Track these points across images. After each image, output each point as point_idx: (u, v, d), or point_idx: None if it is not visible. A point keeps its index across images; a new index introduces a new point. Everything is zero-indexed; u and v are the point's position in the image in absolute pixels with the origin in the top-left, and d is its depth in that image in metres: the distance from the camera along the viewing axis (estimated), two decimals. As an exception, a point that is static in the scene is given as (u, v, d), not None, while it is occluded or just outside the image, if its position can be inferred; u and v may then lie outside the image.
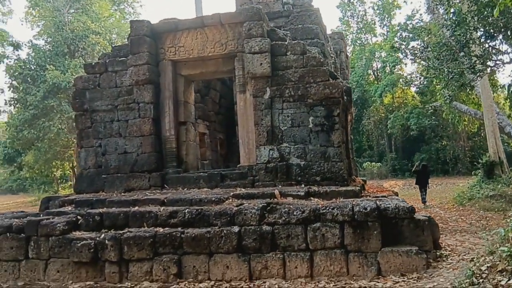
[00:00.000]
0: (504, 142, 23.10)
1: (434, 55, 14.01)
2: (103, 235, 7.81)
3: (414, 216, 7.26)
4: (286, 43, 9.94)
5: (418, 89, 36.55)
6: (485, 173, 17.48)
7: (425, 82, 34.41)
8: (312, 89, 9.53)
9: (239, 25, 10.13)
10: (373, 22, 41.88)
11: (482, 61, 12.80)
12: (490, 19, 11.66)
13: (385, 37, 40.67)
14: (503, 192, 15.02)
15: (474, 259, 6.32)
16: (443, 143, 33.82)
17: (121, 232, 7.82)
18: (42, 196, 31.60)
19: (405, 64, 37.85)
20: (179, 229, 7.65)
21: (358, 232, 7.02)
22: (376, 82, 39.30)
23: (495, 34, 12.37)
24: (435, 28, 19.78)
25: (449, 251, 7.84)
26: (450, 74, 13.60)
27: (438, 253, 7.34)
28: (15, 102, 27.04)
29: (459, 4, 14.85)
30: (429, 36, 19.96)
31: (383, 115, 37.50)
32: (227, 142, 15.53)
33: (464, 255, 7.45)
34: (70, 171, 34.34)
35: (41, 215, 8.98)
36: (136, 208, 8.45)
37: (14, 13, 59.98)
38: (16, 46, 27.14)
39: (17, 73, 26.28)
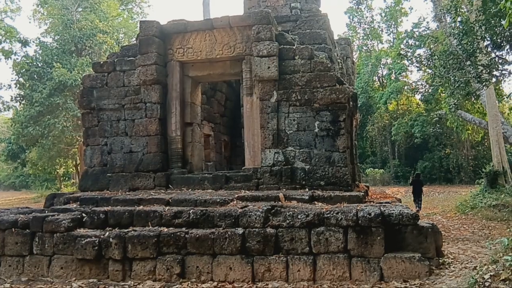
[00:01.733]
0: (508, 152, 23.06)
1: (440, 63, 14.05)
2: (107, 233, 7.85)
3: (418, 223, 7.28)
4: (294, 47, 9.99)
5: (423, 97, 36.55)
6: (489, 183, 17.47)
7: (430, 90, 34.41)
8: (318, 94, 9.58)
9: (248, 28, 10.20)
10: (380, 28, 41.91)
11: (488, 70, 12.83)
12: (498, 29, 11.69)
13: (391, 44, 40.71)
14: (506, 202, 15.02)
15: (477, 268, 6.34)
16: (447, 151, 33.79)
17: (125, 230, 7.86)
18: (44, 193, 31.80)
19: (411, 71, 37.90)
20: (184, 229, 7.69)
21: (361, 237, 7.05)
22: (381, 89, 39.32)
23: (502, 44, 12.39)
24: (442, 36, 19.81)
25: (452, 259, 7.85)
26: (456, 83, 13.63)
27: (440, 261, 7.35)
28: (21, 98, 27.17)
29: (467, 13, 14.91)
30: (436, 44, 20.00)
31: (387, 121, 37.49)
32: (231, 144, 15.59)
33: (467, 263, 7.45)
34: (73, 169, 34.47)
35: (46, 211, 9.03)
36: (141, 207, 8.50)
37: (22, 10, 60.24)
38: (24, 43, 27.26)
39: (24, 70, 26.42)
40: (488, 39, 12.69)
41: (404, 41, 33.64)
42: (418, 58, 17.65)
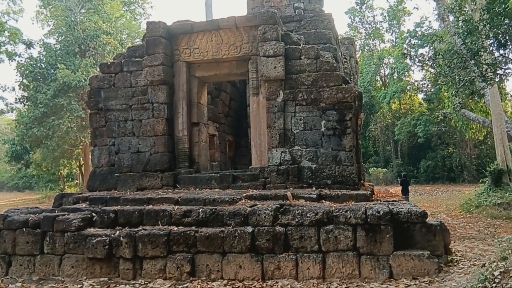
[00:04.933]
0: (512, 151, 23.05)
1: (444, 63, 14.09)
2: (117, 232, 7.92)
3: (426, 221, 7.34)
4: (300, 47, 10.05)
5: (425, 96, 36.55)
6: (493, 181, 17.48)
7: (432, 89, 34.43)
8: (325, 93, 9.63)
9: (254, 29, 10.26)
10: (382, 28, 41.90)
11: (493, 69, 12.87)
12: (502, 28, 11.73)
13: (393, 43, 40.71)
14: (511, 200, 15.04)
15: (486, 265, 6.39)
16: (450, 150, 33.81)
17: (135, 229, 7.94)
18: (48, 194, 31.90)
19: (413, 71, 37.88)
20: (193, 228, 7.76)
21: (370, 235, 7.11)
22: (383, 88, 39.34)
23: (507, 43, 12.42)
24: (446, 35, 19.84)
25: (460, 256, 7.91)
26: (461, 82, 13.68)
27: (449, 258, 7.41)
28: (25, 100, 27.25)
29: (471, 12, 14.94)
30: (439, 43, 20.03)
31: (389, 121, 37.53)
32: (236, 144, 15.66)
33: (475, 260, 7.51)
34: (77, 170, 34.54)
35: (57, 211, 9.10)
36: (150, 206, 8.57)
37: (25, 12, 60.45)
38: (29, 45, 27.34)
39: (28, 72, 26.48)
40: (493, 38, 12.74)
41: (407, 41, 33.62)
42: (421, 57, 17.70)
